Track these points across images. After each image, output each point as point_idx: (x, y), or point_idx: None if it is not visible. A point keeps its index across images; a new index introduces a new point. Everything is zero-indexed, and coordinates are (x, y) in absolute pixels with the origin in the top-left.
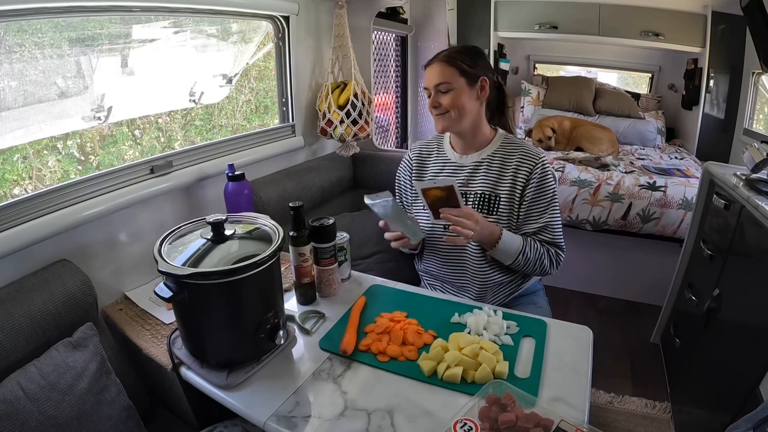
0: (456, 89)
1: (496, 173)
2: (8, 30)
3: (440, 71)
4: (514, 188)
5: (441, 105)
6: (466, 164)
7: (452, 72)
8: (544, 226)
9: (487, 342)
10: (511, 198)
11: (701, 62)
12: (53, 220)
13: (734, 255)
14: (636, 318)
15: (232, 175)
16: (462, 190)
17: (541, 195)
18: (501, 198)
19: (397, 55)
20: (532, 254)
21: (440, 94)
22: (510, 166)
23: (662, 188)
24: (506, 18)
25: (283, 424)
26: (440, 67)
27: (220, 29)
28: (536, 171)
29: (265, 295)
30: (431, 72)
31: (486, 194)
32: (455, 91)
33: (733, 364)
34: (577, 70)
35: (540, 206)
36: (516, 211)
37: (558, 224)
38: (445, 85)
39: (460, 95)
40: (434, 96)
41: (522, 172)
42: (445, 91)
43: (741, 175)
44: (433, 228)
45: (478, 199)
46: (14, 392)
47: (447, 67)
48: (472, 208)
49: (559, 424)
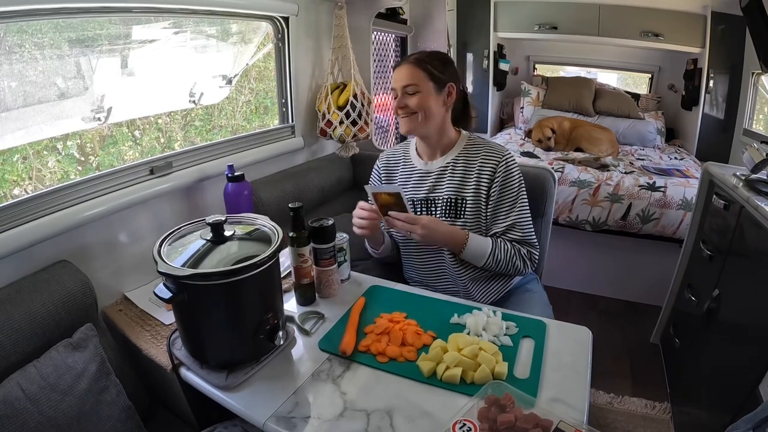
0: (423, 92)
1: (461, 176)
2: (8, 31)
3: (409, 73)
4: (479, 189)
5: (407, 106)
6: (432, 170)
7: (421, 75)
8: (512, 224)
9: (486, 343)
10: (477, 199)
11: (701, 62)
12: (53, 221)
13: (734, 255)
14: (636, 318)
15: (231, 175)
16: (430, 197)
17: (506, 192)
18: (467, 200)
19: (397, 55)
20: (503, 255)
21: (407, 96)
22: (473, 166)
23: (662, 189)
24: (506, 18)
25: (282, 425)
26: (409, 69)
27: (220, 30)
28: (500, 168)
29: (265, 296)
30: (400, 73)
31: (452, 198)
32: (422, 93)
33: (733, 365)
34: (577, 71)
35: (506, 204)
36: (483, 211)
37: (527, 221)
38: (413, 87)
39: (427, 98)
40: (401, 97)
41: (486, 172)
42: (413, 93)
43: (741, 176)
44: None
45: (444, 204)
46: (14, 393)
47: (416, 69)
48: (440, 213)
49: (558, 424)
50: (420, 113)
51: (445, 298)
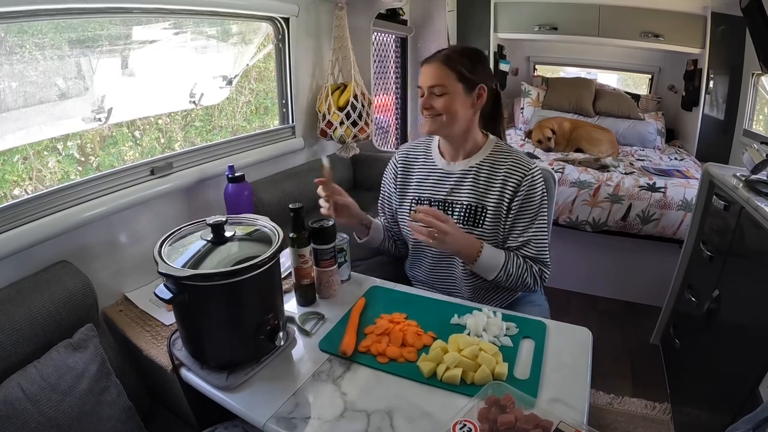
0: (451, 94)
1: (484, 183)
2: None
3: (437, 72)
4: (501, 200)
5: (433, 108)
6: (454, 172)
7: (450, 75)
8: (528, 240)
9: (486, 343)
10: (498, 210)
11: (701, 63)
12: (53, 221)
13: (734, 256)
14: (636, 319)
15: (232, 176)
16: (448, 200)
17: (527, 208)
18: (488, 210)
19: (397, 56)
20: (514, 270)
21: (434, 97)
22: (498, 176)
23: (662, 189)
24: (506, 19)
25: (282, 425)
26: (438, 68)
27: (220, 30)
28: (525, 182)
29: (265, 297)
30: (428, 71)
31: (472, 205)
32: (450, 95)
33: (733, 365)
34: (577, 71)
35: (525, 219)
36: (502, 224)
37: (544, 240)
38: (440, 88)
39: (454, 101)
40: (427, 97)
41: (510, 183)
42: (440, 94)
43: (741, 176)
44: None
45: (463, 210)
46: (14, 393)
47: (445, 68)
48: (458, 218)
49: (558, 425)
50: (445, 115)
51: (445, 298)
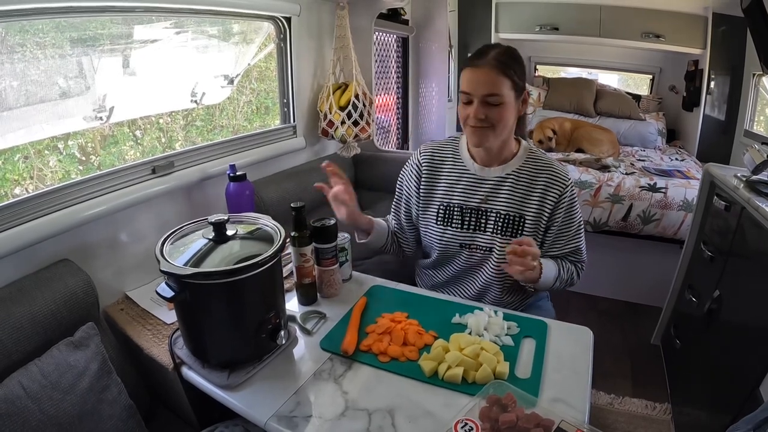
0: (506, 103)
1: (522, 193)
2: (10, 30)
3: (493, 80)
4: (541, 211)
5: (487, 118)
6: (488, 178)
7: (505, 83)
8: (574, 249)
9: (487, 343)
10: (537, 221)
11: (702, 64)
12: (55, 219)
13: (735, 256)
14: (636, 319)
15: (233, 175)
16: (482, 207)
17: (570, 220)
18: (526, 220)
19: (398, 56)
20: (566, 275)
21: (488, 106)
22: (537, 186)
23: (663, 190)
24: (507, 19)
25: (284, 424)
26: (493, 75)
27: (222, 30)
28: (566, 195)
29: (267, 296)
30: (480, 77)
31: (510, 215)
32: (505, 105)
33: (734, 366)
34: (578, 72)
35: (569, 232)
36: (540, 234)
37: (584, 244)
38: (497, 98)
39: (508, 110)
40: (480, 107)
41: (551, 195)
42: (495, 104)
43: (741, 177)
44: (448, 244)
45: (500, 219)
46: (15, 391)
47: (500, 76)
48: (493, 227)
49: (559, 424)
50: (498, 126)
51: (446, 298)
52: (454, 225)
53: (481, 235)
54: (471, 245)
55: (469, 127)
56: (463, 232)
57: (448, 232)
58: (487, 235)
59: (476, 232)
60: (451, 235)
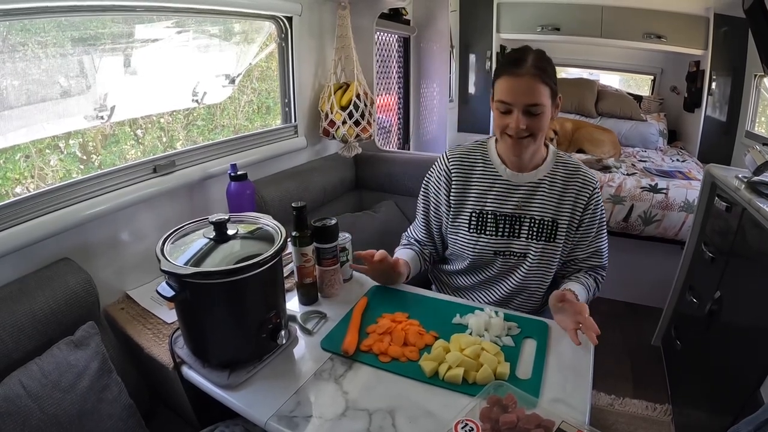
0: (545, 112)
1: (557, 198)
2: (11, 29)
3: (534, 88)
4: (573, 215)
5: (528, 128)
6: (522, 183)
7: (545, 92)
8: (596, 250)
9: (488, 343)
10: (570, 225)
11: (703, 64)
12: (56, 218)
13: (736, 257)
14: (637, 320)
15: (234, 175)
16: (517, 213)
17: (594, 221)
18: (560, 225)
19: (400, 56)
20: (591, 296)
21: (530, 116)
22: (570, 190)
23: (664, 190)
24: (509, 20)
25: (284, 424)
26: (534, 84)
27: (223, 29)
28: (594, 197)
29: (267, 295)
30: (522, 85)
31: (545, 220)
32: (545, 114)
33: (734, 367)
34: (579, 72)
35: (592, 231)
36: (571, 237)
37: (606, 245)
38: (539, 108)
39: (547, 118)
40: (521, 117)
41: (582, 197)
42: (536, 114)
43: (743, 178)
44: (483, 252)
45: (534, 225)
46: (16, 390)
47: (540, 84)
48: (528, 233)
49: (560, 425)
50: (537, 135)
51: (447, 298)
52: (488, 232)
53: (515, 241)
54: (506, 252)
55: (508, 137)
56: (497, 240)
57: (482, 240)
58: (522, 241)
59: (511, 238)
60: (485, 243)
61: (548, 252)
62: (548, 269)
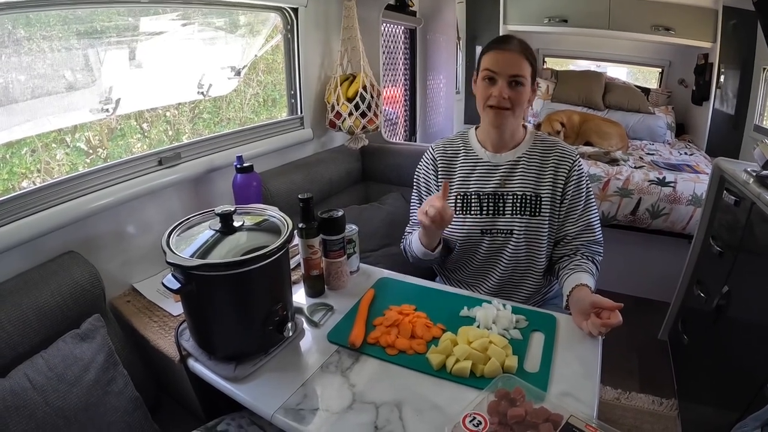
0: (526, 86)
1: (536, 173)
2: (16, 23)
3: (519, 62)
4: (555, 188)
5: (509, 98)
6: (501, 163)
7: (527, 67)
8: (587, 224)
9: (496, 336)
10: (553, 197)
11: (712, 57)
12: (61, 211)
13: (744, 252)
14: (644, 314)
15: (240, 166)
16: (499, 192)
17: (579, 193)
18: (542, 198)
19: (406, 48)
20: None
21: (512, 87)
22: (548, 164)
23: (672, 184)
24: (516, 11)
25: (290, 417)
26: (519, 58)
27: (228, 22)
28: (574, 169)
29: (274, 287)
30: (508, 59)
31: (527, 195)
32: (525, 87)
33: (741, 362)
34: (587, 65)
35: (579, 204)
36: (557, 211)
37: (597, 220)
38: (522, 79)
39: (527, 93)
40: (504, 86)
41: (561, 170)
42: (519, 86)
43: (752, 172)
44: (470, 232)
45: (517, 200)
46: (22, 383)
47: (524, 59)
48: (512, 209)
49: (568, 419)
50: (516, 108)
51: (455, 290)
52: (473, 212)
53: (500, 219)
54: (492, 230)
55: (489, 108)
56: (482, 218)
57: (468, 220)
58: (506, 218)
59: (495, 216)
60: (471, 223)
61: (533, 227)
62: (537, 247)
